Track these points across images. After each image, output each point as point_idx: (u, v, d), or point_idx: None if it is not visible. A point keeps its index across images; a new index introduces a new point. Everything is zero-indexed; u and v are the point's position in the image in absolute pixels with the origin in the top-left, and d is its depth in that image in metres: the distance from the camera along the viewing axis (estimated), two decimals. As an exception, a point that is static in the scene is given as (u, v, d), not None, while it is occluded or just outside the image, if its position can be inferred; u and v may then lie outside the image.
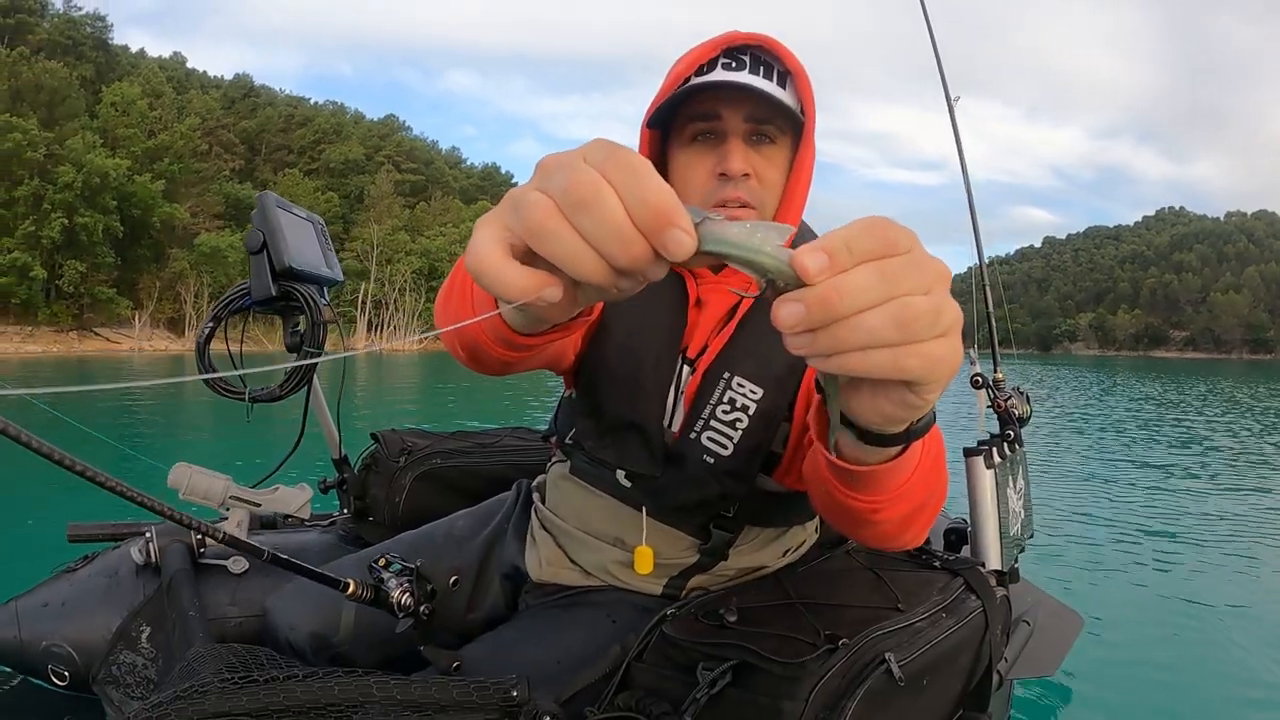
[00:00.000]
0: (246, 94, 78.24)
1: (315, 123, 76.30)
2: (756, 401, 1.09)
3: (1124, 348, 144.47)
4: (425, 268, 61.41)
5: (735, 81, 1.03)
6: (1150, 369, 45.03)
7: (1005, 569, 1.57)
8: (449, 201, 75.04)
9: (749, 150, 1.07)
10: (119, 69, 57.69)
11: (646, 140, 1.14)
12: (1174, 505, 5.43)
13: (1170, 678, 2.60)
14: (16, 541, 3.50)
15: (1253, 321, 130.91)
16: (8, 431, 0.70)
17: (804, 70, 1.07)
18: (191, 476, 1.49)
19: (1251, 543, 4.44)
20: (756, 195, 1.08)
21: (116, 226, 43.11)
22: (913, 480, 0.75)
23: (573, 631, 1.15)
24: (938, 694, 1.07)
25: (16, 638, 1.41)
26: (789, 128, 1.09)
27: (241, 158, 68.55)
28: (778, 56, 1.07)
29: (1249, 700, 2.46)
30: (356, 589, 1.02)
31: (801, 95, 1.08)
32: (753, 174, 1.07)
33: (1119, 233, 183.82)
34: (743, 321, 1.12)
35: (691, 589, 1.19)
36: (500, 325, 0.73)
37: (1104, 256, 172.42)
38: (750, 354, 1.10)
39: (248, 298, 1.64)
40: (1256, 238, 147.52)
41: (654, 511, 1.16)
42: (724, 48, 1.07)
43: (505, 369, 0.92)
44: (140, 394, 10.67)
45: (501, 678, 0.92)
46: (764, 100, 1.04)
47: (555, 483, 1.29)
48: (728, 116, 1.07)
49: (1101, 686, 2.47)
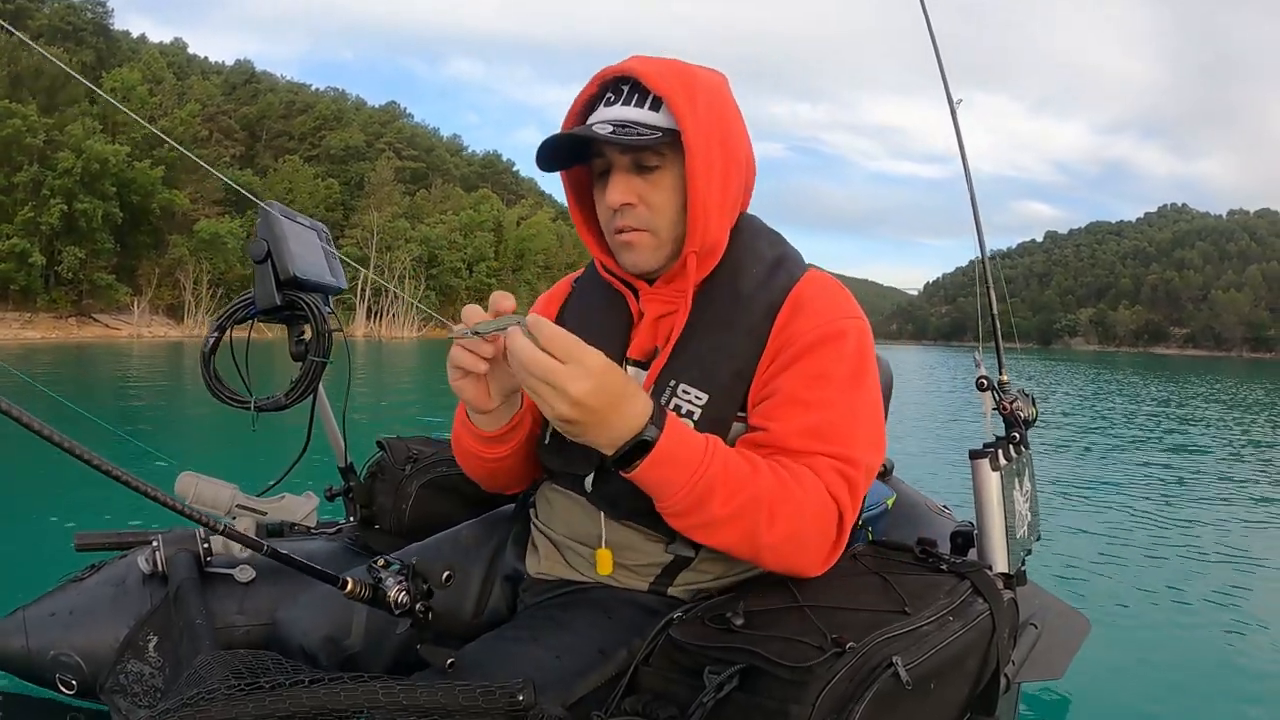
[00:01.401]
0: (247, 80, 77.68)
1: (316, 109, 75.88)
2: (702, 407, 1.14)
3: (1124, 344, 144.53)
4: (425, 255, 61.26)
5: (575, 133, 1.12)
6: (1151, 366, 44.90)
7: (1012, 572, 1.57)
8: (449, 189, 74.67)
9: (636, 180, 1.15)
10: (120, 55, 57.14)
11: (567, 182, 1.27)
12: (1183, 507, 5.44)
13: (1177, 681, 2.61)
14: (24, 550, 3.50)
15: (1254, 320, 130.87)
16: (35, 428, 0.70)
17: (677, 90, 1.11)
18: (198, 485, 1.50)
19: (1263, 545, 4.43)
20: (645, 220, 1.15)
21: (116, 213, 42.84)
22: (684, 502, 0.99)
23: (570, 629, 1.15)
24: (945, 698, 1.07)
25: (24, 647, 1.41)
26: (678, 149, 1.13)
27: (242, 144, 68.10)
28: (648, 84, 1.12)
29: (1257, 703, 2.47)
30: (355, 587, 1.02)
31: (677, 113, 1.10)
32: (638, 202, 1.15)
33: (1121, 228, 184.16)
34: (687, 332, 1.17)
35: (680, 586, 1.20)
36: (479, 431, 1.19)
37: (1105, 252, 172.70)
38: (694, 362, 1.16)
39: (252, 307, 1.64)
40: (1259, 236, 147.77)
41: (614, 515, 1.20)
42: (600, 83, 1.16)
43: (510, 475, 1.30)
44: (142, 396, 10.66)
45: (507, 682, 0.92)
46: (618, 137, 1.10)
47: (543, 493, 1.33)
48: (609, 153, 1.15)
49: (1109, 690, 2.49)
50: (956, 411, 11.16)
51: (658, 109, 1.12)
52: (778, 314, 1.16)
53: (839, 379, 1.11)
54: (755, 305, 1.17)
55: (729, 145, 1.16)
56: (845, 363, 1.13)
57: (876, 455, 1.14)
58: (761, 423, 1.12)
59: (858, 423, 1.11)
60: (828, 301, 1.17)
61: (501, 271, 68.17)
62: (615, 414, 0.93)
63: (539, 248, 72.41)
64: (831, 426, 1.08)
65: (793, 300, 1.17)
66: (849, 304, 1.19)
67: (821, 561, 1.09)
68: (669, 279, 1.21)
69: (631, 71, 1.12)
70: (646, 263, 1.19)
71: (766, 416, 1.11)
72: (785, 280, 1.19)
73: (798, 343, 1.13)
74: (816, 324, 1.14)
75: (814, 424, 1.08)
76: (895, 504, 2.13)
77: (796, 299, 1.17)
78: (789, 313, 1.16)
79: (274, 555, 1.03)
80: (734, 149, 1.18)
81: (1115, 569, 3.87)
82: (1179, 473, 6.90)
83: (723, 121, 1.16)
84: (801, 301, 1.17)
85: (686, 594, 1.20)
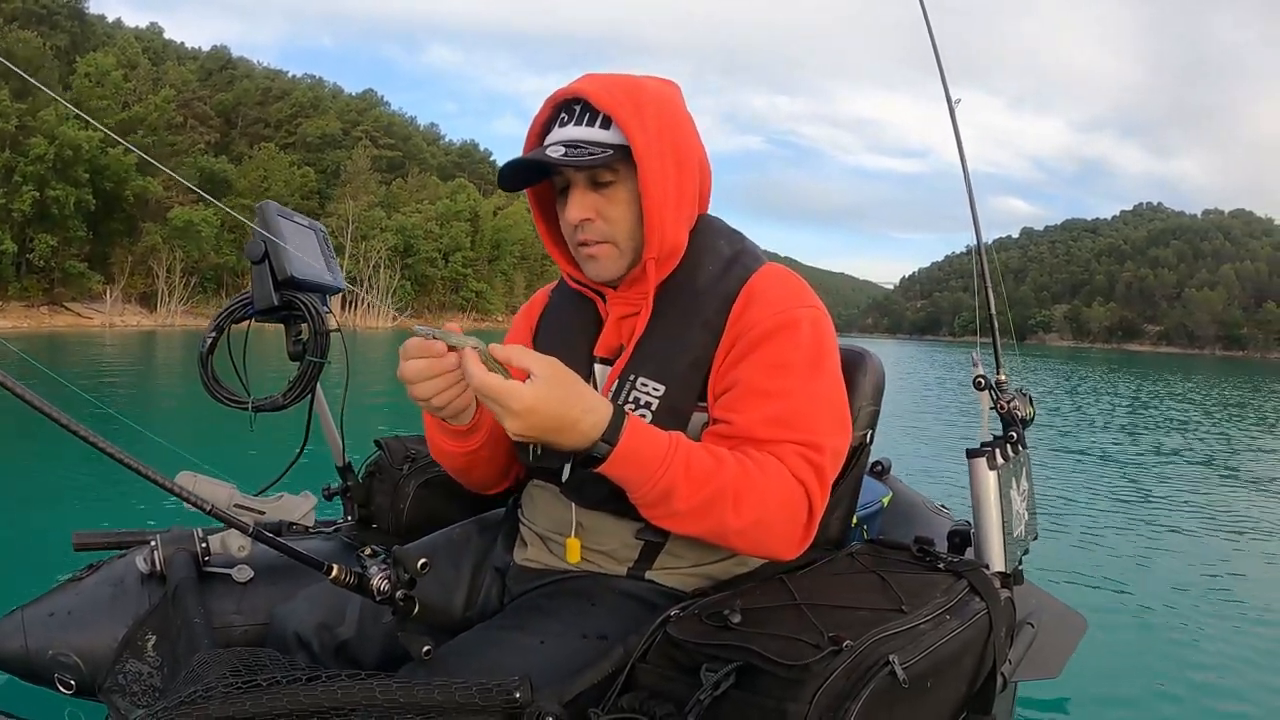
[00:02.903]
0: (223, 66, 76.75)
1: (293, 96, 75.08)
2: (659, 398, 1.19)
3: (1098, 340, 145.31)
4: (401, 244, 60.75)
5: (530, 158, 1.19)
6: (1125, 363, 45.08)
7: (1009, 571, 1.59)
8: (425, 178, 74.10)
9: (592, 195, 1.21)
10: (94, 39, 56.18)
11: (532, 199, 1.34)
12: (1179, 506, 5.46)
13: (1174, 679, 2.63)
14: (22, 550, 3.47)
15: (1227, 319, 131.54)
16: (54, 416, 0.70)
17: (625, 105, 1.16)
18: (196, 484, 1.49)
19: (1260, 543, 4.47)
20: (603, 233, 1.22)
21: (89, 200, 42.09)
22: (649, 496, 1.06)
23: (555, 617, 1.18)
24: (942, 696, 1.08)
25: (23, 647, 1.40)
26: (630, 162, 1.18)
27: (217, 131, 67.23)
28: (596, 103, 1.17)
29: (1253, 702, 2.50)
30: (340, 573, 1.03)
31: (625, 129, 1.16)
32: (596, 216, 1.21)
33: (1097, 225, 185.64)
34: (648, 330, 1.23)
35: (659, 570, 1.24)
36: (447, 427, 1.23)
37: (1081, 249, 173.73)
38: (652, 356, 1.21)
39: (250, 307, 1.63)
40: (1233, 236, 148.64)
41: (583, 503, 1.25)
42: (553, 105, 1.22)
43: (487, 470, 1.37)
44: (125, 387, 10.50)
45: (503, 679, 0.93)
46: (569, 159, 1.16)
47: (528, 491, 1.39)
48: (567, 171, 1.21)
49: (1105, 688, 2.50)
50: (955, 410, 11.11)
51: (608, 126, 1.18)
52: (733, 305, 1.21)
53: (798, 367, 1.16)
54: (711, 299, 1.23)
55: (680, 154, 1.21)
56: (802, 350, 1.17)
57: (842, 439, 1.19)
58: (725, 415, 1.16)
59: (819, 408, 1.16)
60: (782, 291, 1.22)
61: (477, 261, 67.81)
62: (562, 434, 1.01)
63: (515, 238, 71.95)
64: (794, 414, 1.13)
65: (747, 291, 1.22)
66: (804, 294, 1.24)
67: (794, 545, 1.14)
68: (631, 282, 1.27)
69: (580, 93, 1.18)
70: (609, 272, 1.25)
71: (730, 408, 1.16)
72: (740, 273, 1.25)
73: (753, 332, 1.18)
74: (771, 313, 1.18)
75: (776, 413, 1.13)
76: (892, 503, 2.14)
77: (751, 290, 1.22)
78: (744, 303, 1.21)
79: (259, 538, 1.04)
80: (685, 157, 1.22)
81: (1113, 568, 3.88)
82: (1178, 472, 6.92)
83: (672, 131, 1.20)
84: (756, 292, 1.22)
85: (666, 579, 1.23)
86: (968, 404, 13.70)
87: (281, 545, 1.06)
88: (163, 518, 2.92)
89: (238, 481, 1.59)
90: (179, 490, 0.94)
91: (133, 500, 4.08)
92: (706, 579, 1.24)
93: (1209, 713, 2.45)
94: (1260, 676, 2.68)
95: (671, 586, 1.23)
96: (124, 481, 1.12)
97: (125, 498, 4.14)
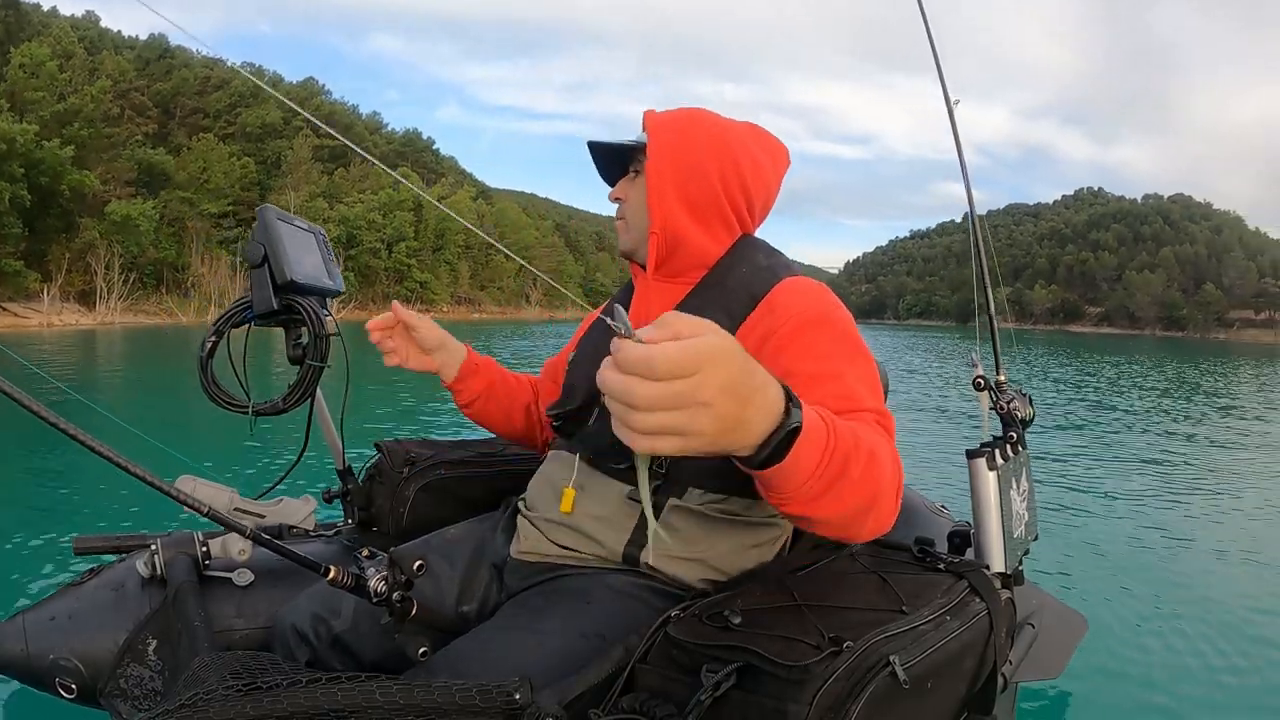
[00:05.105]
0: (161, 55, 73.41)
1: (232, 85, 71.40)
2: None
3: (1040, 321, 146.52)
4: (344, 235, 58.98)
5: (590, 143, 1.47)
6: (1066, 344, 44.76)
7: (1009, 571, 1.60)
8: (368, 168, 71.18)
9: (625, 181, 1.46)
10: (30, 28, 53.49)
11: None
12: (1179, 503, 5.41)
13: (1175, 680, 2.60)
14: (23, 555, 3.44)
15: (1166, 300, 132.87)
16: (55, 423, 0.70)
17: (656, 118, 1.38)
18: (196, 488, 1.49)
19: (1262, 541, 4.44)
20: (624, 212, 1.45)
21: (24, 195, 39.72)
22: (811, 485, 0.84)
23: (550, 615, 1.19)
24: (942, 697, 1.09)
25: (24, 651, 1.39)
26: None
27: (155, 121, 64.73)
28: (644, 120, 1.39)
29: (1254, 703, 2.48)
30: (338, 574, 1.03)
31: (646, 132, 1.37)
32: (625, 199, 1.44)
33: (1039, 210, 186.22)
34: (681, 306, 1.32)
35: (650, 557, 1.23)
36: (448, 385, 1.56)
37: (1023, 233, 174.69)
38: None
39: (249, 311, 1.63)
40: (1172, 220, 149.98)
41: (588, 456, 1.33)
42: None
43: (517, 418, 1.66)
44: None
45: (503, 680, 0.93)
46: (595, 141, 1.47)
47: (534, 480, 1.43)
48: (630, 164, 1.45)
49: (1106, 689, 2.48)
50: (954, 410, 11.02)
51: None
52: (758, 302, 1.27)
53: (842, 355, 1.19)
54: (739, 293, 1.30)
55: (690, 159, 1.34)
56: (841, 343, 1.21)
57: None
58: None
59: (872, 388, 1.17)
60: (813, 293, 1.28)
61: (421, 251, 66.06)
62: (752, 404, 0.73)
63: (459, 227, 68.76)
64: (854, 391, 1.13)
65: (775, 292, 1.28)
66: (832, 296, 1.30)
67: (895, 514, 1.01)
68: (658, 266, 1.39)
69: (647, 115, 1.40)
70: (624, 244, 1.45)
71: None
72: (769, 277, 1.31)
73: (787, 325, 1.21)
74: (804, 307, 1.23)
75: (839, 390, 1.12)
76: None
77: (779, 290, 1.28)
78: (770, 302, 1.26)
79: (259, 541, 1.04)
80: (697, 164, 1.34)
81: (1113, 568, 3.83)
82: (1177, 470, 6.87)
83: (689, 143, 1.35)
84: (786, 291, 1.28)
85: (663, 566, 1.23)
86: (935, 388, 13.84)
87: (280, 548, 1.05)
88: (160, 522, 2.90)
89: (237, 486, 1.58)
90: (179, 495, 0.94)
91: (131, 503, 4.01)
92: (703, 567, 1.24)
93: (1210, 713, 2.43)
94: (1261, 676, 2.66)
95: (669, 575, 1.23)
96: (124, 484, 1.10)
97: (123, 501, 4.07)
